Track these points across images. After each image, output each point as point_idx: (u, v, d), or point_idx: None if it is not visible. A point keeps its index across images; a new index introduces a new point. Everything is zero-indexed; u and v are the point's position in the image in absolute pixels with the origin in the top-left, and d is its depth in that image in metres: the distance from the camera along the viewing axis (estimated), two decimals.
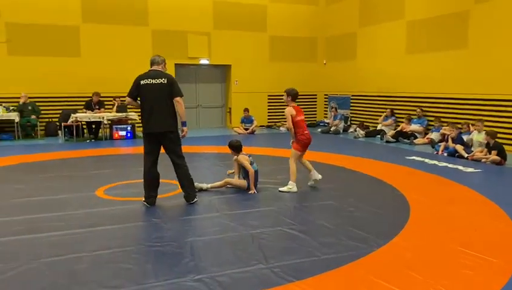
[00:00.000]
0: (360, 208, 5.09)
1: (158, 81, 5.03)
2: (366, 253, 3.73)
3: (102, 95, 12.12)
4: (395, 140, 10.84)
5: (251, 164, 5.92)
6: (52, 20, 12.15)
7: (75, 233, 4.23)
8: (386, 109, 12.36)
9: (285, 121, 14.49)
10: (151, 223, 4.58)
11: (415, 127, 11.05)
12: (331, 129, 13.27)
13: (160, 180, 5.29)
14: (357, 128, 12.53)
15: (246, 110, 13.48)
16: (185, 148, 5.47)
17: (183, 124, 5.23)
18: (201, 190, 5.78)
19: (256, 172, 5.93)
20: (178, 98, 5.08)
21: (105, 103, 12.22)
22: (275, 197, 5.62)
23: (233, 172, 6.16)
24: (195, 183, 5.48)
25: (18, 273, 3.31)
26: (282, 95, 6.48)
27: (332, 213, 4.92)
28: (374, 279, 3.22)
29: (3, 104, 11.53)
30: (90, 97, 11.97)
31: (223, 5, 13.96)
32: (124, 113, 11.72)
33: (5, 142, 11.03)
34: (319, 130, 13.77)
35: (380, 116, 12.45)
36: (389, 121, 12.02)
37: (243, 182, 5.92)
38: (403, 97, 12.11)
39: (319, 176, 6.15)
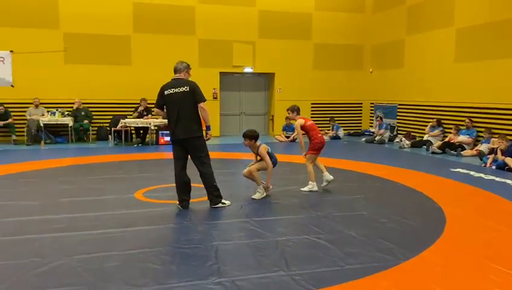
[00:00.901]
0: (392, 219, 4.96)
1: (181, 89, 5.19)
2: (392, 265, 3.64)
3: (150, 102, 12.58)
4: (441, 151, 10.45)
5: (269, 155, 5.98)
6: (106, 30, 12.81)
7: (109, 233, 4.44)
8: (433, 118, 11.95)
9: (328, 130, 14.44)
10: (182, 226, 4.72)
11: (463, 138, 10.59)
12: (376, 139, 13.00)
13: (195, 185, 5.44)
14: (403, 138, 12.19)
15: (288, 118, 13.47)
16: (226, 155, 5.64)
17: (208, 128, 5.39)
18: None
19: (275, 162, 6.04)
20: (201, 104, 5.24)
21: (152, 109, 12.67)
22: (305, 205, 5.59)
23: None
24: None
25: (51, 268, 3.53)
26: (327, 103, 6.69)
27: (362, 223, 4.84)
28: None
29: (59, 109, 12.26)
30: (139, 104, 12.47)
31: (268, 14, 14.12)
32: None
33: (59, 145, 11.72)
34: (363, 139, 13.54)
35: (427, 126, 12.05)
36: (436, 131, 11.60)
37: (263, 164, 5.98)
38: (451, 107, 11.67)
39: (331, 177, 6.44)
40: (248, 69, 14.33)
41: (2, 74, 12.05)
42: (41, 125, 11.79)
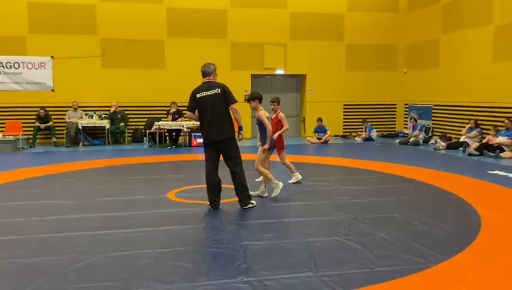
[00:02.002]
0: (425, 222, 4.86)
1: (212, 92, 5.27)
2: (422, 268, 3.58)
3: (183, 104, 12.80)
4: (478, 153, 10.11)
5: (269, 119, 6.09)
6: (141, 35, 13.14)
7: (142, 231, 4.57)
8: (470, 120, 11.59)
9: (361, 131, 14.26)
10: (212, 226, 4.80)
11: (502, 139, 10.21)
12: (410, 140, 12.73)
13: (224, 186, 5.51)
14: (438, 140, 11.88)
15: (319, 119, 13.42)
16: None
17: (240, 128, 5.48)
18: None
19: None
20: (233, 105, 5.32)
21: (184, 112, 12.90)
22: (335, 207, 5.55)
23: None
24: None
25: (87, 264, 3.67)
26: (359, 104, 6.83)
27: (394, 226, 4.76)
28: None
29: (97, 112, 12.68)
30: (169, 106, 12.70)
31: (299, 16, 14.10)
32: None
33: (97, 147, 12.12)
34: (397, 140, 13.28)
35: (464, 127, 11.70)
36: (474, 132, 11.24)
37: (261, 155, 6.05)
38: (489, 107, 11.28)
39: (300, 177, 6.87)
40: (279, 71, 14.35)
41: (43, 79, 12.55)
42: (80, 128, 12.22)
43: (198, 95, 5.32)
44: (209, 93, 5.28)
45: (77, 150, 11.54)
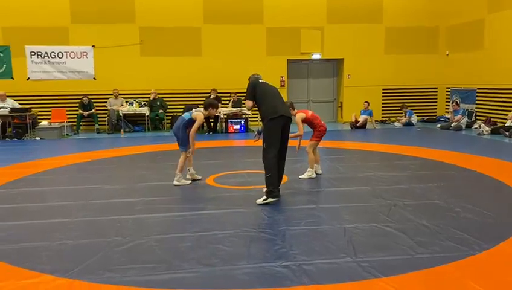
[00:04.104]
0: (468, 209, 4.74)
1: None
2: (465, 256, 3.51)
3: (219, 91, 12.94)
4: None
5: None
6: (178, 22, 13.29)
7: (183, 215, 4.71)
8: None
9: (401, 116, 13.94)
10: (250, 211, 4.86)
11: None
12: (452, 125, 12.33)
13: (260, 172, 5.55)
14: (482, 125, 11.46)
15: (366, 102, 13.20)
16: (295, 143, 5.75)
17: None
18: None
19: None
20: None
21: (222, 98, 13.02)
22: (375, 193, 5.50)
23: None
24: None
25: (132, 246, 3.83)
26: (399, 89, 6.66)
27: (435, 213, 4.67)
28: (470, 283, 3.04)
29: (137, 100, 13.00)
30: (209, 93, 12.85)
31: None
32: (239, 108, 12.37)
33: (137, 134, 12.46)
34: (438, 125, 12.91)
35: (511, 111, 11.21)
36: None
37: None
38: None
39: (320, 171, 6.49)
40: (316, 56, 14.17)
41: (85, 68, 13.02)
42: (121, 115, 12.58)
43: (260, 81, 5.34)
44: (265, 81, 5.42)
45: (119, 137, 11.90)
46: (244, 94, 5.45)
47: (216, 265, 3.41)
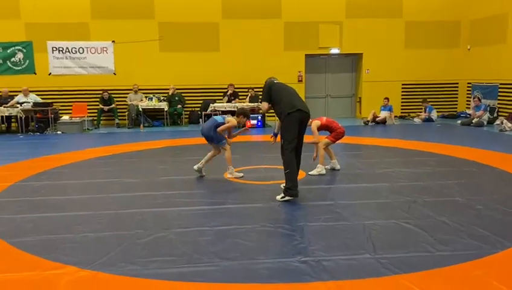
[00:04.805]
0: (489, 206, 4.67)
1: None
2: (487, 254, 3.47)
3: (236, 86, 12.97)
4: None
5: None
6: (196, 18, 13.33)
7: (202, 209, 4.76)
8: None
9: (420, 112, 13.77)
10: (269, 206, 4.87)
11: None
12: (473, 121, 12.12)
13: (274, 167, 5.57)
14: (504, 121, 11.23)
15: (386, 99, 13.06)
16: (311, 138, 5.76)
17: None
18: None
19: None
20: None
21: (240, 93, 13.04)
22: (394, 189, 5.46)
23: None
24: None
25: (153, 239, 3.89)
26: (419, 84, 6.54)
27: (456, 210, 4.62)
28: (492, 281, 3.00)
29: (156, 95, 13.12)
30: (226, 88, 12.89)
31: None
32: (256, 103, 12.38)
33: (156, 128, 12.59)
34: (459, 121, 12.70)
35: None
36: None
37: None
38: None
39: (338, 166, 6.53)
40: (334, 50, 14.07)
41: (105, 63, 13.18)
42: (140, 110, 12.72)
43: (275, 82, 5.32)
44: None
45: (138, 131, 12.05)
46: (262, 89, 5.45)
47: (235, 259, 3.45)
